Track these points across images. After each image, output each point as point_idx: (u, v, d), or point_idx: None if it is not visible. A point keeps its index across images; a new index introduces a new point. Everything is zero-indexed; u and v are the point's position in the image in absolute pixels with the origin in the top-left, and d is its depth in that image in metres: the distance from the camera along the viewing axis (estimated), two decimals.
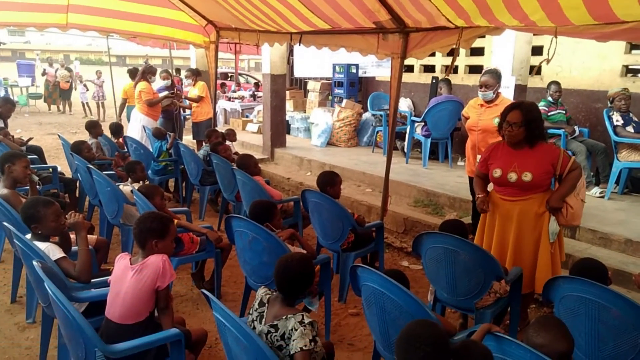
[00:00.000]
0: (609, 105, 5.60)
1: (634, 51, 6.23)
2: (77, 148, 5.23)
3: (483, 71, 4.79)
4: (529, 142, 3.15)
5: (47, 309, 2.78)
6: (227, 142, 6.19)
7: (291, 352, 2.00)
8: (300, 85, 11.28)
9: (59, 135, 6.78)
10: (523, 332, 2.15)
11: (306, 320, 2.04)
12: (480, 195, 3.33)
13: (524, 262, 3.18)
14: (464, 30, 3.58)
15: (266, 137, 8.31)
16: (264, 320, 2.14)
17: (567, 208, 3.11)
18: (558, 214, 3.13)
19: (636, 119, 5.48)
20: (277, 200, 4.43)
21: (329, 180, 3.95)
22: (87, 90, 15.59)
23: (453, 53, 3.74)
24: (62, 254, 2.76)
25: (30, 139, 6.54)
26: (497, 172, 3.21)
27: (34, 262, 2.41)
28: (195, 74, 8.06)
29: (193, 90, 7.97)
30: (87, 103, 15.50)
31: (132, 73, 8.55)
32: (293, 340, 2.00)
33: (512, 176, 3.13)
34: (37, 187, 4.96)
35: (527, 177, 3.09)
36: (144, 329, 2.36)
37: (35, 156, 5.98)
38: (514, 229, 3.20)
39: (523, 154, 3.15)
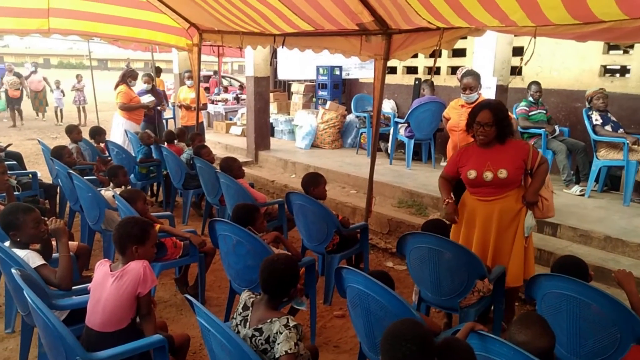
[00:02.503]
0: (587, 105, 5.70)
1: (611, 51, 6.35)
2: (58, 153, 5.15)
3: (460, 73, 4.83)
4: (499, 140, 3.19)
5: (26, 318, 2.73)
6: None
7: (276, 356, 1.99)
8: (284, 87, 11.26)
9: (38, 141, 6.67)
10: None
11: (291, 324, 2.03)
12: (448, 202, 3.31)
13: (504, 258, 3.21)
14: (445, 32, 3.61)
15: (250, 139, 8.28)
16: (248, 324, 2.13)
17: (542, 201, 3.20)
18: (534, 208, 3.20)
19: (614, 119, 5.58)
20: (261, 203, 4.42)
21: (312, 181, 3.95)
22: (64, 95, 14.76)
23: (435, 54, 3.77)
24: (42, 261, 2.71)
25: (9, 144, 6.43)
26: (471, 174, 3.20)
27: (13, 270, 2.36)
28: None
29: (190, 93, 7.89)
30: (61, 109, 14.63)
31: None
32: (278, 344, 1.99)
33: (488, 175, 3.14)
34: (16, 192, 4.89)
35: (503, 174, 3.11)
36: (126, 336, 2.32)
37: (15, 162, 5.88)
38: (494, 228, 3.20)
39: (495, 152, 3.18)
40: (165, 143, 6.35)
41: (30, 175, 5.36)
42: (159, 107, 7.97)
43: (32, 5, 5.72)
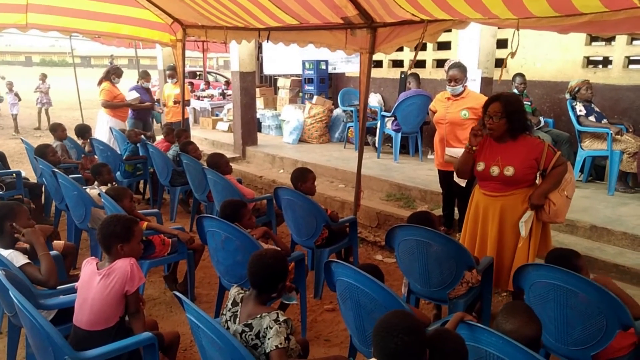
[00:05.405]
0: (569, 96, 5.75)
1: (594, 43, 6.42)
2: (42, 152, 5.08)
3: (447, 65, 4.85)
4: (511, 135, 3.09)
5: (13, 319, 2.69)
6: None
7: (267, 351, 1.99)
8: (270, 82, 11.22)
9: (22, 139, 6.57)
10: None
11: (281, 318, 2.03)
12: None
13: (506, 260, 3.17)
14: (429, 24, 3.61)
15: (237, 135, 8.24)
16: (237, 319, 2.12)
17: (550, 204, 3.05)
18: (541, 211, 3.08)
19: (597, 109, 5.65)
20: (249, 198, 4.40)
21: (300, 176, 3.95)
22: (20, 100, 12.76)
23: (417, 47, 3.77)
24: (26, 260, 2.69)
25: None
26: (480, 166, 3.16)
27: None
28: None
29: (175, 89, 7.84)
30: (17, 116, 12.70)
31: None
32: (268, 339, 1.99)
33: (495, 170, 3.08)
34: (0, 192, 4.83)
35: (509, 171, 3.03)
36: (114, 334, 2.32)
37: None
38: (495, 225, 3.15)
39: (506, 148, 3.10)
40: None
41: (14, 174, 5.28)
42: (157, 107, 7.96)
43: (10, 0, 5.61)
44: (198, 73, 17.76)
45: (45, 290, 2.68)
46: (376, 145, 7.47)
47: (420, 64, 8.14)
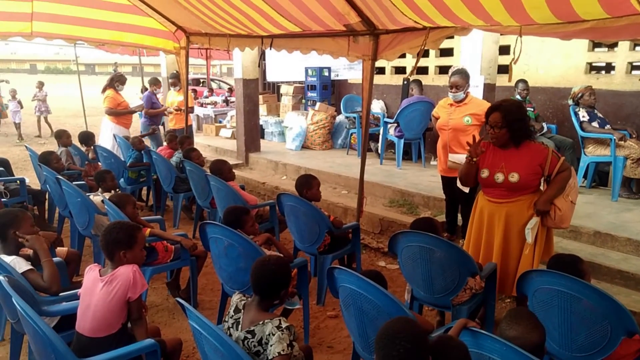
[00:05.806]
0: (572, 102, 5.75)
1: (596, 49, 6.42)
2: (45, 159, 5.10)
3: (451, 71, 4.86)
4: (514, 142, 3.11)
5: (16, 326, 2.70)
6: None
7: (269, 357, 1.98)
8: (273, 89, 11.25)
9: (26, 146, 6.60)
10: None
11: (283, 325, 2.03)
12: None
13: (511, 266, 3.16)
14: (431, 31, 3.63)
15: (240, 142, 8.26)
16: (240, 326, 2.12)
17: (555, 210, 3.04)
18: (546, 217, 3.08)
19: (601, 115, 5.64)
20: (252, 205, 4.41)
21: (305, 183, 3.95)
22: (22, 107, 12.72)
23: (419, 54, 3.77)
24: (29, 266, 2.70)
25: None
26: (484, 173, 3.17)
27: (0, 277, 2.34)
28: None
29: (178, 96, 7.87)
30: (20, 124, 12.60)
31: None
32: (271, 346, 1.99)
33: (499, 177, 3.09)
34: (4, 199, 4.85)
35: (514, 177, 3.04)
36: (117, 341, 2.31)
37: (2, 168, 5.81)
38: (500, 231, 3.15)
39: (510, 154, 3.11)
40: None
41: (18, 181, 5.30)
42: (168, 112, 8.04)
43: (16, 9, 5.67)
44: (201, 80, 17.84)
45: (48, 296, 2.68)
46: (379, 151, 7.47)
47: (423, 70, 8.15)
